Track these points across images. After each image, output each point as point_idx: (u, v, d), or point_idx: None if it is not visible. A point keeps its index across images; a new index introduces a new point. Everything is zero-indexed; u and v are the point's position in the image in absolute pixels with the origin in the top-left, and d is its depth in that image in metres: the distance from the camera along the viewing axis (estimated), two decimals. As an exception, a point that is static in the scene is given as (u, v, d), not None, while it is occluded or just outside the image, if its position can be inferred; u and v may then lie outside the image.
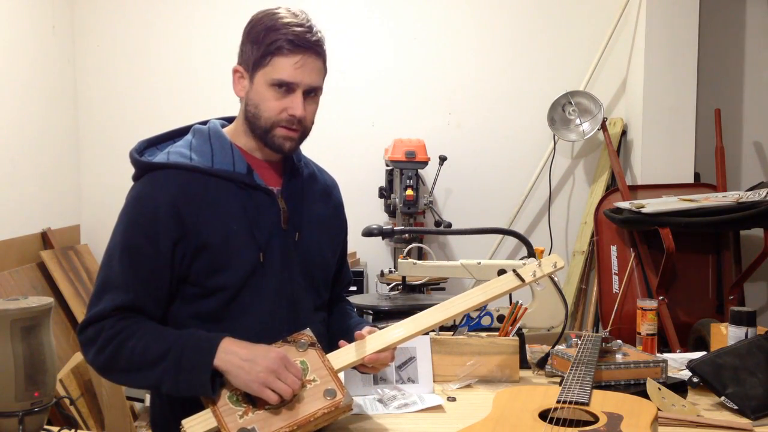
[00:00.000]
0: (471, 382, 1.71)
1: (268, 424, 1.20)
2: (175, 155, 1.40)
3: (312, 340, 1.33)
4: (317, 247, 1.49)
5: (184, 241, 1.34)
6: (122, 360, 1.30)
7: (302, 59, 1.35)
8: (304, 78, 1.35)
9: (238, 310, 1.38)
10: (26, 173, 3.25)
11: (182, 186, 1.36)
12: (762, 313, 3.67)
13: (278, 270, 1.41)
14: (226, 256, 1.36)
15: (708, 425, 1.42)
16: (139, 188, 1.39)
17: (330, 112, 3.73)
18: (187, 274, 1.36)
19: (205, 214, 1.36)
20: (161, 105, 3.70)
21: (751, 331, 1.76)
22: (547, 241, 3.63)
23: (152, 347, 1.28)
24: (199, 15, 3.69)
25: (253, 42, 1.37)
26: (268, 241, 1.40)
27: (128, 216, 1.37)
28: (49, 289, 3.13)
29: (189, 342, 1.28)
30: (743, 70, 3.71)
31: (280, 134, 1.38)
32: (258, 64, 1.36)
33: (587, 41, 3.67)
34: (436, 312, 1.40)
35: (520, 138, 3.74)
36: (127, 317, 1.33)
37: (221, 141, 1.42)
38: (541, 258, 1.47)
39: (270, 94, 1.36)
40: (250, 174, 1.41)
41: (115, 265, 1.34)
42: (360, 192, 3.70)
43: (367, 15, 3.74)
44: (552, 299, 1.96)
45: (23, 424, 1.16)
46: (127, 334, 1.30)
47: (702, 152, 3.53)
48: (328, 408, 1.23)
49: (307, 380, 1.27)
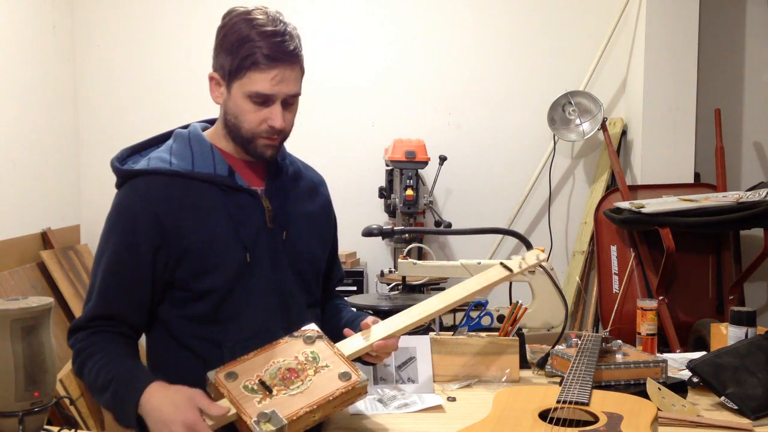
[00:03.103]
0: (471, 382, 1.71)
1: (288, 407, 1.20)
2: (155, 161, 1.40)
3: (319, 333, 1.35)
4: (306, 244, 1.49)
5: (166, 248, 1.35)
6: (84, 376, 1.34)
7: (279, 73, 1.32)
8: (282, 89, 1.34)
9: (230, 312, 1.38)
10: (26, 173, 3.25)
11: (162, 191, 1.36)
12: (762, 313, 3.67)
13: (268, 269, 1.41)
14: (211, 259, 1.36)
15: (708, 425, 1.42)
16: (120, 196, 1.40)
17: (330, 112, 3.74)
18: (173, 279, 1.37)
19: (186, 218, 1.36)
20: (161, 105, 3.69)
21: (751, 331, 1.76)
22: (547, 241, 3.63)
23: (102, 374, 1.29)
24: (199, 15, 3.69)
25: (227, 52, 1.34)
26: (254, 242, 1.40)
27: (110, 224, 1.39)
28: (49, 289, 3.13)
29: (125, 378, 1.27)
30: (743, 70, 3.71)
31: (262, 144, 1.38)
32: (234, 75, 1.34)
33: (587, 41, 3.67)
34: (436, 301, 1.48)
35: (520, 138, 3.74)
36: (101, 330, 1.35)
37: (201, 144, 1.42)
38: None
39: (248, 106, 1.35)
40: (232, 176, 1.40)
41: (98, 273, 1.37)
42: (360, 192, 3.70)
43: (367, 15, 3.74)
44: (552, 299, 1.96)
45: (23, 424, 1.16)
46: (90, 353, 1.33)
47: (702, 152, 3.53)
48: (346, 388, 1.25)
49: (319, 367, 1.28)
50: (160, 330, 1.43)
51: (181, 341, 1.40)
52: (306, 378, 1.26)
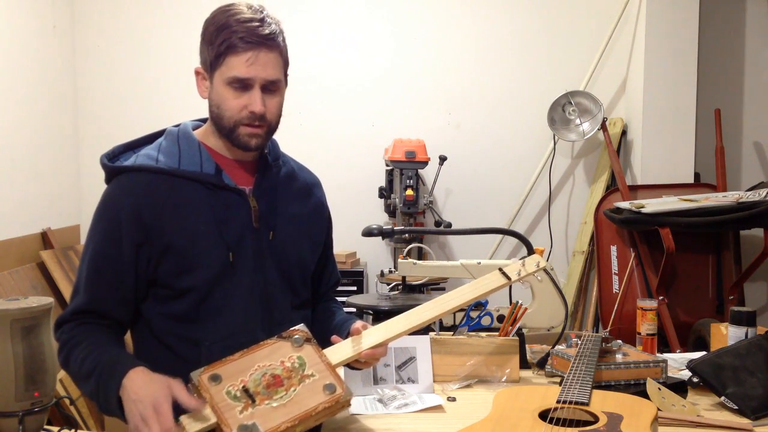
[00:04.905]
0: (471, 382, 1.71)
1: (269, 420, 1.20)
2: (142, 158, 1.41)
3: (307, 336, 1.32)
4: (293, 245, 1.48)
5: (148, 244, 1.35)
6: (70, 367, 1.34)
7: (253, 55, 1.33)
8: (259, 73, 1.34)
9: (210, 311, 1.38)
10: (26, 173, 3.25)
11: (146, 188, 1.37)
12: (762, 313, 3.67)
13: (250, 269, 1.41)
14: (194, 257, 1.36)
15: (708, 425, 1.42)
16: (106, 192, 1.41)
17: (330, 112, 3.74)
18: (155, 276, 1.37)
19: (169, 215, 1.36)
20: (161, 105, 3.69)
21: (751, 331, 1.76)
22: (547, 241, 3.63)
23: (86, 362, 1.29)
24: (198, 15, 3.67)
25: (207, 43, 1.38)
26: (238, 241, 1.40)
27: (95, 220, 1.41)
28: (49, 289, 3.13)
29: (108, 364, 1.27)
30: (743, 70, 3.71)
31: (244, 132, 1.38)
32: (214, 65, 1.36)
33: (587, 41, 3.67)
34: (430, 308, 1.42)
35: (520, 138, 3.74)
36: (85, 323, 1.36)
37: (189, 142, 1.42)
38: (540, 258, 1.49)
39: (228, 93, 1.36)
40: (219, 174, 1.40)
41: (83, 268, 1.38)
42: (360, 192, 3.70)
43: (367, 15, 3.74)
44: (552, 299, 1.96)
45: (23, 424, 1.16)
46: (75, 342, 1.33)
47: (702, 152, 3.53)
48: (329, 402, 1.23)
49: (305, 375, 1.27)
50: (142, 328, 1.43)
51: (161, 339, 1.40)
52: (290, 388, 1.25)
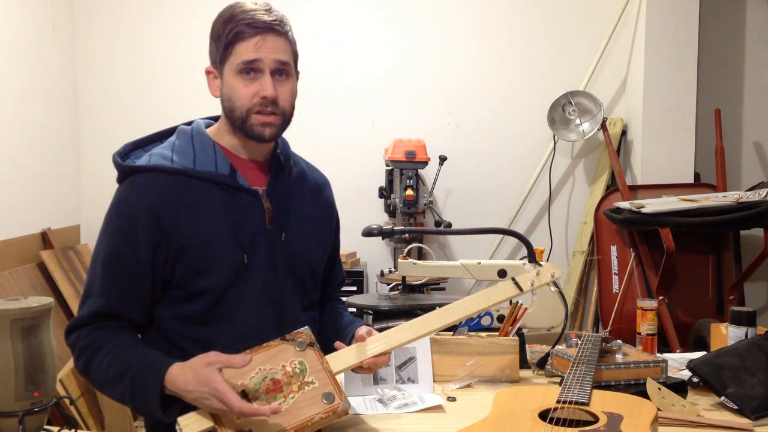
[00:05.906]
0: (471, 382, 1.71)
1: (266, 427, 1.20)
2: (156, 157, 1.39)
3: (311, 340, 1.32)
4: (304, 246, 1.48)
5: (165, 245, 1.34)
6: (93, 372, 1.32)
7: (261, 39, 1.34)
8: (267, 54, 1.35)
9: (223, 313, 1.38)
10: (26, 173, 3.25)
11: (162, 188, 1.35)
12: (762, 313, 3.67)
13: (263, 271, 1.40)
14: (209, 258, 1.35)
15: (708, 425, 1.42)
16: (121, 192, 1.39)
17: (330, 112, 3.74)
18: (171, 277, 1.36)
19: (185, 216, 1.35)
20: (161, 105, 3.70)
21: (751, 331, 1.76)
22: (547, 241, 3.63)
23: (114, 365, 1.28)
24: (199, 15, 3.69)
25: (215, 39, 1.38)
26: (252, 242, 1.39)
27: (109, 220, 1.38)
28: (49, 289, 3.13)
29: (142, 365, 1.27)
30: (743, 70, 3.71)
31: (257, 121, 1.37)
32: (223, 58, 1.37)
33: (587, 41, 3.67)
34: (436, 318, 1.39)
35: (520, 138, 3.74)
36: (104, 326, 1.34)
37: (204, 141, 1.41)
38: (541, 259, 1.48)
39: (239, 82, 1.36)
40: (233, 175, 1.40)
41: (97, 269, 1.36)
42: (360, 192, 3.70)
43: (367, 15, 3.74)
44: (552, 299, 1.96)
45: (23, 424, 1.16)
46: (97, 346, 1.31)
47: (702, 152, 3.53)
48: (326, 413, 1.23)
49: (305, 382, 1.27)
50: (153, 330, 1.42)
51: (173, 342, 1.39)
52: (289, 394, 1.24)
